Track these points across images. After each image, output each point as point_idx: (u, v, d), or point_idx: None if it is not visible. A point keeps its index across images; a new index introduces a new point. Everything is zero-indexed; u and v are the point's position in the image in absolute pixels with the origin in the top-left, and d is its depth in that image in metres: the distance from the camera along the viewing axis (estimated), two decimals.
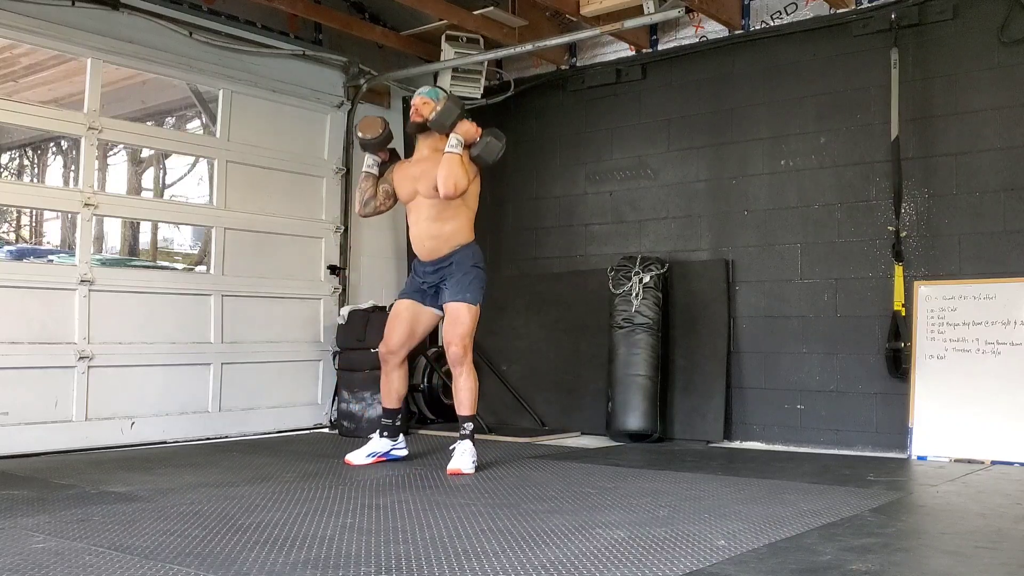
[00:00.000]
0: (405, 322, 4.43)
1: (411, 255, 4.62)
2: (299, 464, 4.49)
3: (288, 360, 5.96)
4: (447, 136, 4.26)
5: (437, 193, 4.23)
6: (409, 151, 4.73)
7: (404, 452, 4.59)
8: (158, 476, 4.05)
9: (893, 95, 4.93)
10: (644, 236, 6.03)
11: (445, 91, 4.60)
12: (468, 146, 4.27)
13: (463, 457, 4.21)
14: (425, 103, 4.38)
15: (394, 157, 4.64)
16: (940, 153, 4.95)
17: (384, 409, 4.53)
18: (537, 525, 2.97)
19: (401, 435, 4.59)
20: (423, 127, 4.37)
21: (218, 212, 5.67)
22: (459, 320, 4.26)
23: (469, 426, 4.28)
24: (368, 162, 4.54)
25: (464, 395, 4.30)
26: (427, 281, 4.40)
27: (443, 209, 4.29)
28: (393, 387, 4.47)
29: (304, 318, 6.08)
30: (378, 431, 4.53)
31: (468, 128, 4.27)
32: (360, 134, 4.47)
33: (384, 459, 4.47)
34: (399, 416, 4.55)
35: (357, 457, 4.45)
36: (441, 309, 4.38)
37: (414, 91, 6.42)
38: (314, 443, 5.40)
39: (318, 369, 6.11)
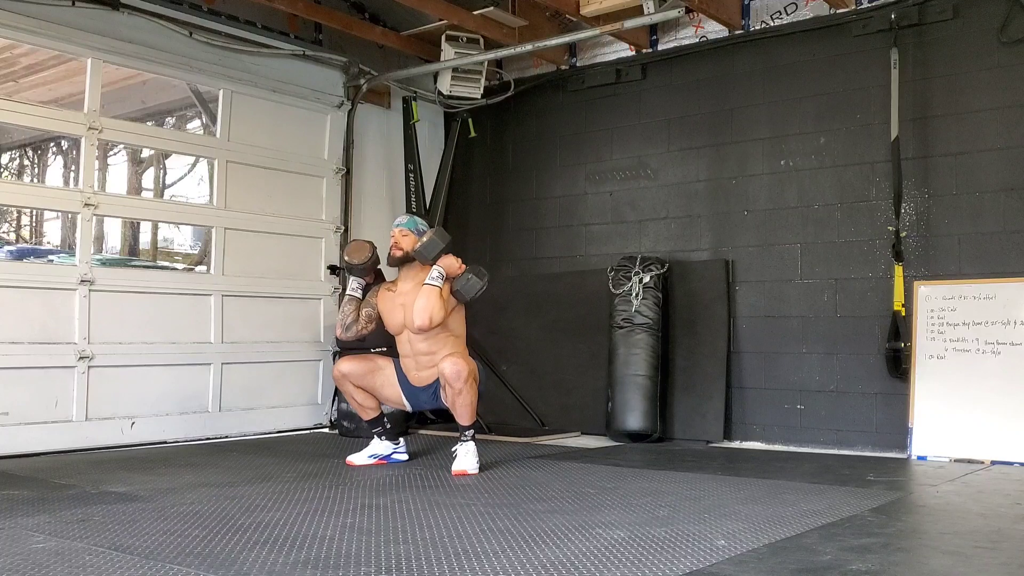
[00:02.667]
0: (371, 371, 4.40)
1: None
2: (299, 464, 4.49)
3: (288, 360, 5.96)
4: (430, 267, 4.24)
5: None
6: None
7: (405, 457, 4.59)
8: (158, 476, 4.05)
9: (893, 95, 4.93)
10: (644, 236, 6.03)
11: (424, 223, 4.56)
12: (450, 279, 4.24)
13: (467, 457, 4.22)
14: (405, 235, 4.36)
15: (378, 279, 4.61)
16: (940, 153, 4.95)
17: (367, 421, 4.54)
18: (537, 525, 2.98)
19: (401, 439, 4.63)
20: (405, 259, 4.35)
21: (218, 212, 5.67)
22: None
23: (470, 432, 4.28)
24: (352, 285, 4.48)
25: (463, 409, 4.24)
26: (419, 398, 4.45)
27: (433, 341, 4.29)
28: (361, 402, 4.45)
29: (304, 318, 6.08)
30: (375, 436, 4.54)
31: (451, 262, 4.25)
32: (347, 259, 4.45)
33: (385, 462, 4.50)
34: (385, 421, 4.57)
35: (359, 458, 4.48)
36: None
37: (415, 91, 6.48)
38: (314, 443, 5.40)
39: (318, 369, 6.11)
